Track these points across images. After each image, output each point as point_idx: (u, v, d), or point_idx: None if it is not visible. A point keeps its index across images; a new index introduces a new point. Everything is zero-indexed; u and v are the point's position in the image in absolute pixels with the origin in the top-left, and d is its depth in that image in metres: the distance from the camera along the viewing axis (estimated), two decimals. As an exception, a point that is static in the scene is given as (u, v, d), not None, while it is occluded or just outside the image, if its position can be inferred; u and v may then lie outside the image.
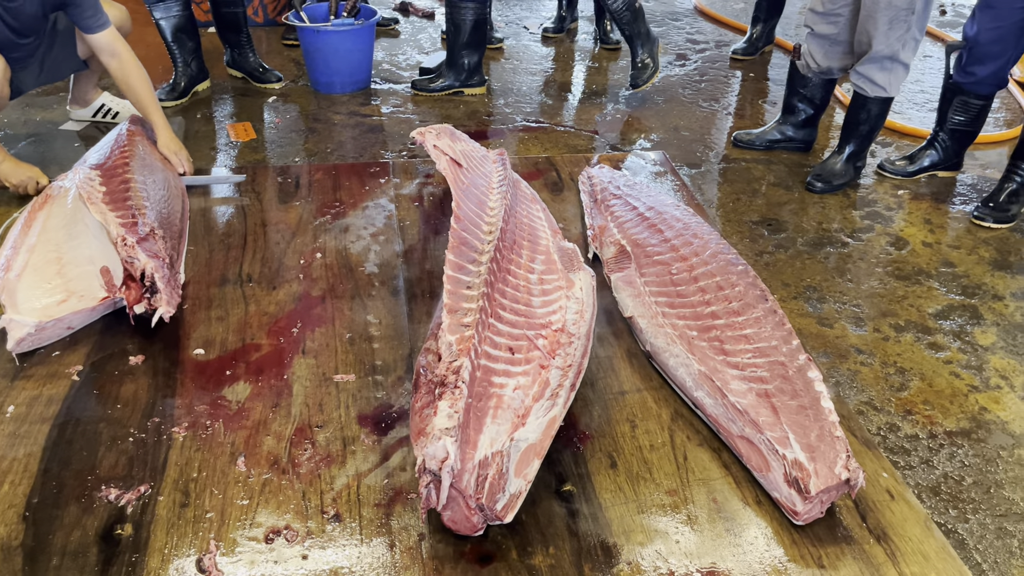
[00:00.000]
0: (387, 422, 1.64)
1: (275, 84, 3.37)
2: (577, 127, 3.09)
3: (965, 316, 2.02)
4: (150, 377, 1.74)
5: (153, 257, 1.84)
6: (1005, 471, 1.58)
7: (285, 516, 1.42)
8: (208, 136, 2.98)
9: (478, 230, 1.83)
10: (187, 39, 3.31)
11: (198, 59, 3.39)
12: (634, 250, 2.00)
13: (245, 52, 3.40)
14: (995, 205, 2.43)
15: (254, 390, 1.71)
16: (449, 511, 1.34)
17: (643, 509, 1.46)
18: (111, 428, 1.60)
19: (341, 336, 1.88)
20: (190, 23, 3.28)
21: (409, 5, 4.66)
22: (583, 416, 1.65)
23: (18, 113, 3.14)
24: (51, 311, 1.81)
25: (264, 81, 3.38)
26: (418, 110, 3.27)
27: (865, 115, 2.55)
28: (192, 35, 3.32)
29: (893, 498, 1.49)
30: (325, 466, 1.53)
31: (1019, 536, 1.45)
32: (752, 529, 1.42)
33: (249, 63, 3.42)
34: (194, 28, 3.32)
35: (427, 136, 2.19)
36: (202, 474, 1.50)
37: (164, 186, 2.25)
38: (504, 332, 1.62)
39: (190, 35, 3.31)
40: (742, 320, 1.67)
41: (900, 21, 2.38)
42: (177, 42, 3.28)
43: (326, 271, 2.13)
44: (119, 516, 1.42)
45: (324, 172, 2.68)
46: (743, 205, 2.54)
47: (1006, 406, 1.74)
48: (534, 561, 1.36)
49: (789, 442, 1.45)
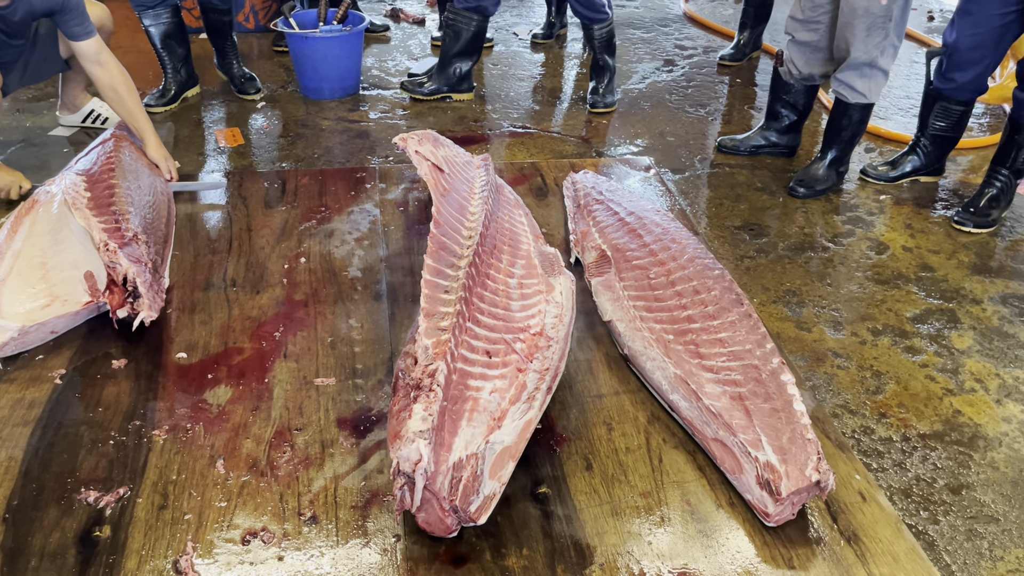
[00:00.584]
0: (366, 425, 1.65)
1: (254, 95, 3.40)
2: (564, 133, 3.11)
3: (943, 320, 2.04)
4: (132, 380, 1.76)
5: (135, 262, 1.86)
6: (977, 473, 1.59)
7: (262, 518, 1.44)
8: (197, 141, 3.00)
9: (458, 235, 1.85)
10: (176, 46, 3.33)
11: (187, 65, 3.41)
12: (614, 255, 2.02)
13: (230, 60, 3.43)
14: (975, 210, 2.45)
15: (235, 393, 1.73)
16: (423, 513, 1.36)
17: (617, 511, 1.47)
18: (92, 431, 1.62)
19: (323, 340, 1.89)
20: (179, 30, 3.30)
21: (400, 12, 4.69)
22: (560, 419, 1.67)
23: (8, 119, 3.16)
24: (35, 315, 1.82)
25: (244, 92, 3.41)
26: (406, 116, 3.29)
27: (847, 121, 2.57)
28: (182, 42, 3.34)
29: (865, 500, 1.50)
30: (303, 468, 1.54)
31: (988, 538, 1.47)
32: (724, 531, 1.44)
33: (232, 71, 3.45)
34: (183, 35, 3.34)
35: (409, 142, 2.21)
36: (181, 476, 1.52)
37: (150, 191, 2.26)
38: (482, 336, 1.63)
39: (179, 42, 3.33)
40: (717, 324, 1.69)
41: (878, 28, 2.40)
42: (166, 48, 3.30)
43: (310, 276, 2.14)
44: (98, 518, 1.43)
45: (310, 177, 2.70)
46: (726, 210, 2.56)
47: (980, 409, 1.76)
48: (508, 562, 1.37)
49: (761, 444, 1.47)
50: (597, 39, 3.38)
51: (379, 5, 4.91)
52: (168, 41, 3.28)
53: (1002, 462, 1.62)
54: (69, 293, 1.90)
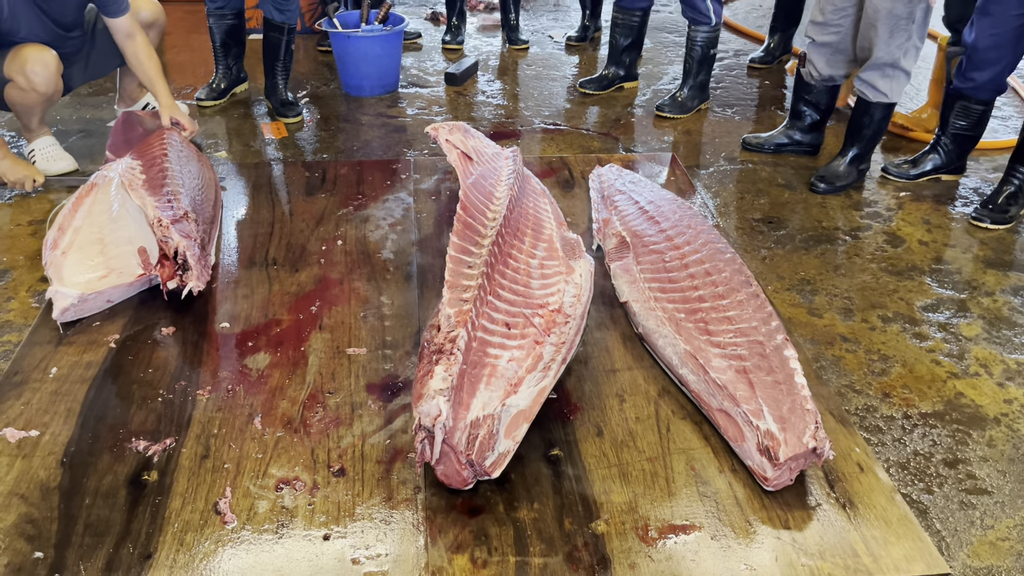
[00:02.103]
0: (393, 391, 1.77)
1: (293, 119, 3.43)
2: (593, 130, 3.21)
3: (953, 309, 2.09)
4: (179, 346, 1.90)
5: (185, 237, 2.00)
6: (974, 450, 1.65)
7: (295, 469, 1.56)
8: (245, 133, 3.16)
9: (483, 217, 1.96)
10: (233, 45, 3.50)
11: (239, 63, 3.58)
12: (632, 240, 2.11)
13: (276, 81, 3.47)
14: (994, 207, 2.49)
15: (273, 360, 1.86)
16: (442, 465, 1.47)
17: (625, 473, 1.57)
18: (142, 389, 1.76)
19: (356, 314, 2.01)
20: (239, 30, 3.48)
21: (440, 15, 4.83)
22: (575, 390, 1.77)
23: (68, 111, 3.35)
24: (92, 285, 1.98)
25: (283, 115, 3.41)
26: (442, 112, 3.42)
27: (868, 120, 2.63)
28: (238, 41, 3.52)
29: (862, 471, 1.58)
30: (334, 427, 1.66)
31: (981, 508, 1.53)
32: (725, 493, 1.52)
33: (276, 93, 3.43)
34: (242, 35, 3.53)
35: (440, 131, 2.33)
36: (222, 431, 1.65)
37: (199, 176, 2.41)
38: (502, 309, 1.74)
39: (236, 41, 3.51)
40: (726, 303, 1.78)
41: (901, 30, 2.46)
42: (224, 47, 3.48)
43: (345, 256, 2.27)
44: (146, 464, 1.57)
45: (349, 167, 2.84)
46: (747, 204, 2.64)
47: (983, 392, 1.81)
48: (519, 514, 1.47)
49: (763, 414, 1.55)
50: (693, 42, 3.39)
51: (419, 9, 5.06)
52: (227, 40, 3.46)
53: (1000, 440, 1.68)
54: (124, 266, 2.05)
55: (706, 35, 3.30)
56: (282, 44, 3.32)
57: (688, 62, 3.38)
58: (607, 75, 3.63)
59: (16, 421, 1.66)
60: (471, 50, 4.23)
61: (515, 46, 4.28)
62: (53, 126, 3.20)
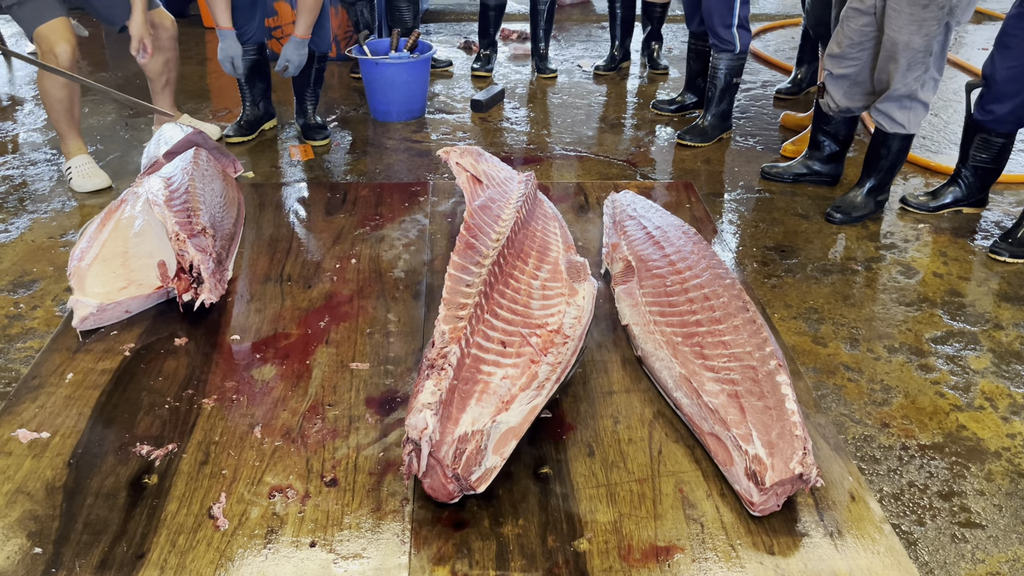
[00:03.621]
0: (391, 405, 1.81)
1: (320, 142, 3.50)
2: (612, 157, 3.24)
3: (962, 342, 2.07)
4: (190, 356, 1.96)
5: (201, 251, 2.08)
6: (971, 484, 1.63)
7: (289, 477, 1.60)
8: (273, 155, 3.27)
9: (487, 238, 2.00)
10: (257, 80, 3.57)
11: (266, 99, 3.65)
12: (637, 264, 2.13)
13: (305, 107, 3.56)
14: (1013, 240, 2.45)
15: (278, 372, 1.91)
16: (428, 479, 1.49)
17: (612, 493, 1.57)
18: (151, 396, 1.82)
19: (362, 330, 2.06)
20: (263, 66, 3.55)
21: (473, 44, 4.93)
22: (570, 410, 1.79)
23: (110, 131, 3.49)
24: (112, 296, 2.06)
25: (310, 138, 3.49)
26: (465, 138, 3.49)
27: (886, 151, 2.62)
28: (263, 77, 3.59)
29: (854, 499, 1.57)
30: (330, 439, 1.70)
31: (972, 542, 1.50)
32: (712, 516, 1.52)
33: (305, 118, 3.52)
34: (266, 70, 3.59)
35: (452, 154, 2.38)
36: (223, 438, 1.70)
37: (221, 195, 2.50)
38: (498, 327, 1.77)
39: (261, 77, 3.58)
40: (722, 327, 1.78)
41: (918, 62, 2.46)
42: (248, 82, 3.55)
43: (357, 275, 2.33)
44: (148, 468, 1.62)
45: (369, 189, 2.91)
46: (761, 232, 2.64)
47: (986, 425, 1.79)
48: (503, 530, 1.49)
49: (752, 439, 1.56)
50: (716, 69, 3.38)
51: (454, 38, 5.17)
52: (250, 76, 3.53)
53: (999, 474, 1.65)
54: (144, 278, 2.13)
55: (729, 63, 3.31)
56: (312, 71, 3.41)
57: (711, 89, 3.39)
58: (680, 100, 3.70)
59: (30, 423, 1.73)
60: (500, 78, 4.30)
61: (543, 75, 4.35)
62: (91, 145, 3.34)
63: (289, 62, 3.18)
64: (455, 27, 5.48)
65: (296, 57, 3.19)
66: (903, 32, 2.41)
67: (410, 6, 4.07)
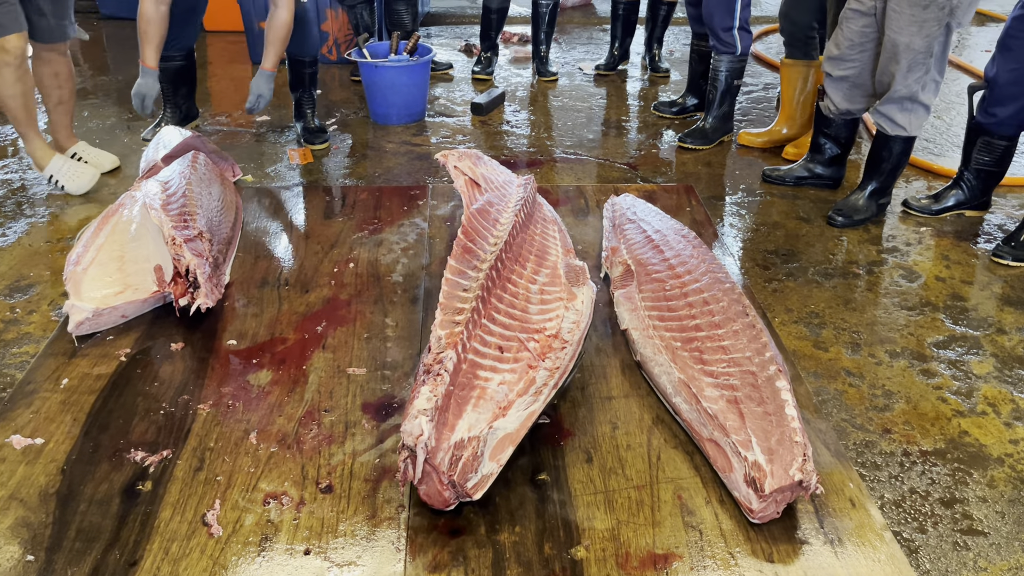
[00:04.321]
0: (388, 411, 1.79)
1: (320, 146, 3.42)
2: (612, 160, 3.23)
3: (965, 347, 2.05)
4: (187, 361, 1.95)
5: (197, 256, 2.07)
6: (974, 490, 1.61)
7: (284, 484, 1.59)
8: (271, 158, 3.26)
9: (484, 242, 1.99)
10: (182, 84, 3.48)
11: (190, 101, 3.55)
12: (637, 268, 2.12)
13: (304, 111, 3.50)
14: (1016, 243, 2.43)
15: (275, 377, 1.90)
16: (424, 485, 1.48)
17: (610, 500, 1.56)
18: (146, 401, 1.81)
19: (359, 335, 2.05)
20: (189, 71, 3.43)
21: (474, 46, 4.92)
22: (568, 416, 1.77)
23: (108, 135, 3.48)
24: (108, 300, 2.05)
25: (311, 142, 3.40)
26: (465, 140, 3.48)
27: (887, 153, 2.60)
28: (188, 81, 3.47)
29: (854, 506, 1.55)
30: (326, 445, 1.69)
31: (975, 550, 1.48)
32: (711, 524, 1.51)
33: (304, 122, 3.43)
34: (192, 74, 3.47)
35: (450, 157, 2.37)
36: (218, 444, 1.68)
37: (219, 199, 2.49)
38: (496, 332, 1.76)
39: (185, 80, 3.47)
40: (722, 332, 1.77)
41: (919, 64, 2.44)
42: (173, 85, 3.46)
43: (356, 279, 2.31)
44: (142, 474, 1.61)
45: (368, 193, 2.90)
46: (762, 235, 2.62)
47: (988, 431, 1.77)
48: (500, 537, 1.48)
49: (751, 445, 1.54)
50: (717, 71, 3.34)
51: (455, 41, 5.17)
52: (176, 80, 3.42)
53: (1002, 481, 1.63)
54: (140, 283, 2.12)
55: (730, 64, 3.29)
56: (306, 76, 3.38)
57: (711, 92, 3.37)
58: (681, 102, 3.69)
59: (24, 429, 1.72)
60: (501, 81, 4.29)
61: (544, 78, 4.34)
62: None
63: (261, 97, 3.08)
64: (456, 30, 5.47)
65: (267, 91, 3.11)
66: (903, 33, 2.39)
67: (409, 9, 4.07)
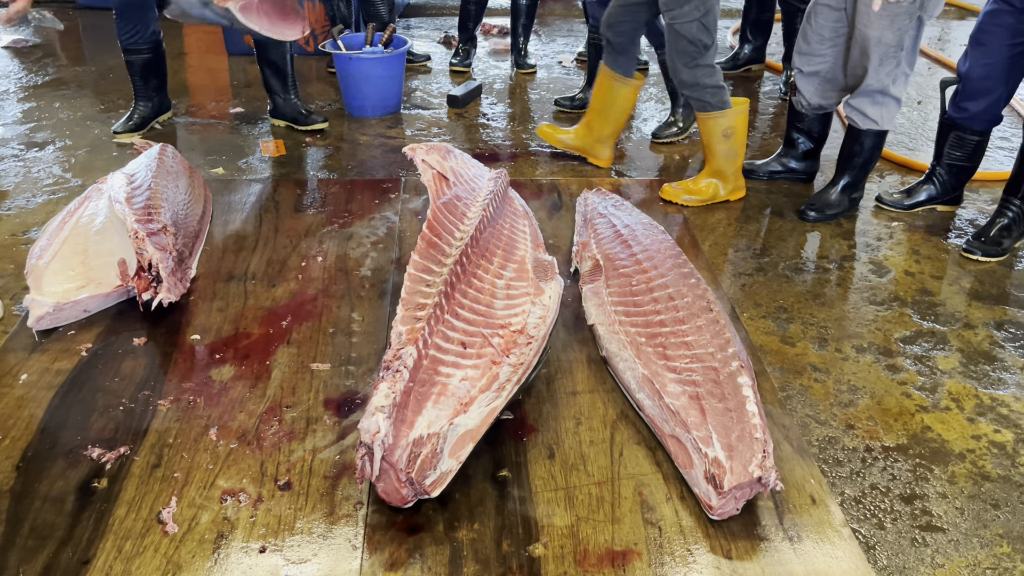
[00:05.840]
0: (350, 407, 1.78)
1: (320, 125, 3.35)
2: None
3: (931, 342, 2.05)
4: (149, 356, 1.93)
5: (161, 250, 2.04)
6: (934, 486, 1.61)
7: (242, 481, 1.57)
8: (243, 150, 3.23)
9: (451, 236, 1.97)
10: (153, 76, 3.39)
11: (161, 93, 3.47)
12: (605, 263, 2.11)
13: (289, 97, 3.44)
14: (986, 239, 2.44)
15: (237, 372, 1.88)
16: (381, 483, 1.47)
17: (571, 496, 1.55)
18: (106, 397, 1.79)
19: (325, 330, 2.03)
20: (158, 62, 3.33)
21: (452, 38, 4.89)
22: (532, 411, 1.76)
23: (79, 127, 3.43)
24: (70, 295, 2.02)
25: (308, 124, 3.33)
26: (440, 133, 3.46)
27: (859, 147, 2.60)
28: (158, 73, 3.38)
29: (815, 503, 1.55)
30: (287, 441, 1.67)
31: (932, 546, 1.49)
32: (671, 520, 1.50)
33: (293, 107, 3.37)
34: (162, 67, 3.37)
35: (418, 151, 2.35)
36: (177, 440, 1.67)
37: (186, 192, 2.46)
38: (459, 328, 1.75)
39: (156, 73, 3.38)
40: (686, 328, 1.76)
41: (890, 57, 2.44)
42: (143, 79, 3.36)
43: (323, 273, 2.29)
44: (98, 471, 1.59)
45: (340, 186, 2.87)
46: (733, 230, 2.62)
47: (951, 427, 1.77)
48: (458, 534, 1.47)
49: (712, 441, 1.54)
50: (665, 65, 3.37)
51: (434, 32, 5.12)
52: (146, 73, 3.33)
53: (962, 477, 1.64)
54: (103, 277, 2.10)
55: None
56: (287, 61, 3.31)
57: (671, 84, 3.42)
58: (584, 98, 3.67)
59: (-21, 425, 1.69)
60: (479, 73, 4.27)
61: (522, 70, 4.32)
62: (61, 140, 3.30)
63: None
64: (436, 21, 5.44)
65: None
66: (874, 27, 2.39)
67: (385, 0, 4.04)
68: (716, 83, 2.72)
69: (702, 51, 2.69)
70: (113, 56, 4.42)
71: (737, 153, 2.82)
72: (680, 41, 2.66)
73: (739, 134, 2.80)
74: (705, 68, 2.70)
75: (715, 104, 2.74)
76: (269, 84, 3.42)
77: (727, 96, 2.77)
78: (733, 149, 2.81)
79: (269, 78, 3.41)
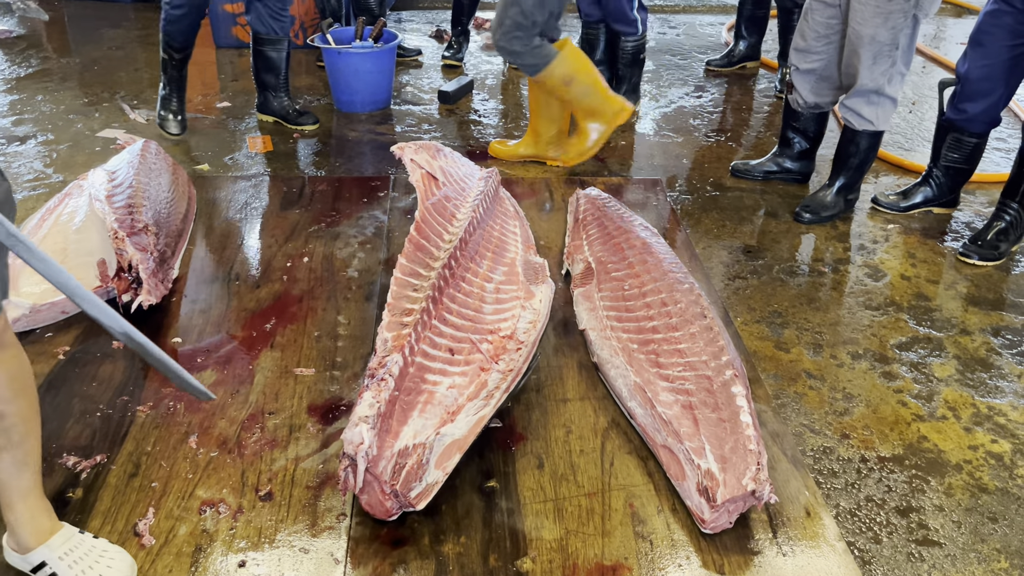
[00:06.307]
0: (335, 414, 1.73)
1: (311, 126, 3.28)
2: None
3: (928, 348, 2.02)
4: (128, 360, 1.88)
5: (141, 250, 1.99)
6: (930, 498, 1.58)
7: (222, 491, 1.52)
8: (229, 147, 3.16)
9: (439, 239, 1.92)
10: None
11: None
12: (597, 267, 2.07)
13: (280, 95, 3.34)
14: (983, 243, 2.40)
15: (219, 377, 1.83)
16: (365, 495, 1.43)
17: (560, 508, 1.51)
18: (83, 403, 1.74)
19: (310, 333, 1.98)
20: None
21: (444, 32, 4.83)
22: (522, 419, 1.72)
23: (63, 122, 3.36)
24: (47, 296, 1.96)
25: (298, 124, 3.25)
26: (431, 130, 3.40)
27: (854, 148, 2.56)
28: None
29: (809, 516, 1.51)
30: (268, 449, 1.63)
31: (929, 561, 1.45)
32: (662, 533, 1.47)
33: (283, 105, 3.28)
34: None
35: (406, 150, 2.31)
36: (156, 448, 1.62)
37: (169, 190, 2.40)
38: (447, 334, 1.70)
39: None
40: (679, 335, 1.72)
41: (884, 56, 2.40)
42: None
43: (309, 274, 2.25)
44: (73, 481, 1.54)
45: (327, 184, 2.82)
46: (728, 231, 2.58)
47: (947, 436, 1.74)
48: (444, 548, 1.43)
49: (704, 452, 1.50)
50: (622, 51, 3.48)
51: (426, 26, 5.06)
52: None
53: (959, 489, 1.60)
54: (82, 277, 2.04)
55: (634, 43, 3.52)
56: (284, 59, 3.25)
57: (620, 71, 3.58)
58: None
59: (-49, 432, 1.64)
60: (471, 69, 4.21)
61: (515, 66, 4.26)
62: (43, 134, 3.23)
63: None
64: (428, 15, 5.37)
65: None
66: (868, 25, 2.35)
67: (376, -6, 3.99)
68: (533, 44, 2.74)
69: (530, 27, 2.70)
70: (98, 48, 4.34)
71: (590, 84, 2.84)
72: (512, 8, 2.67)
73: (579, 72, 2.81)
74: (524, 38, 2.73)
75: (541, 61, 2.77)
76: (262, 80, 3.35)
77: (548, 47, 2.79)
78: (584, 84, 2.83)
79: (263, 74, 3.34)
